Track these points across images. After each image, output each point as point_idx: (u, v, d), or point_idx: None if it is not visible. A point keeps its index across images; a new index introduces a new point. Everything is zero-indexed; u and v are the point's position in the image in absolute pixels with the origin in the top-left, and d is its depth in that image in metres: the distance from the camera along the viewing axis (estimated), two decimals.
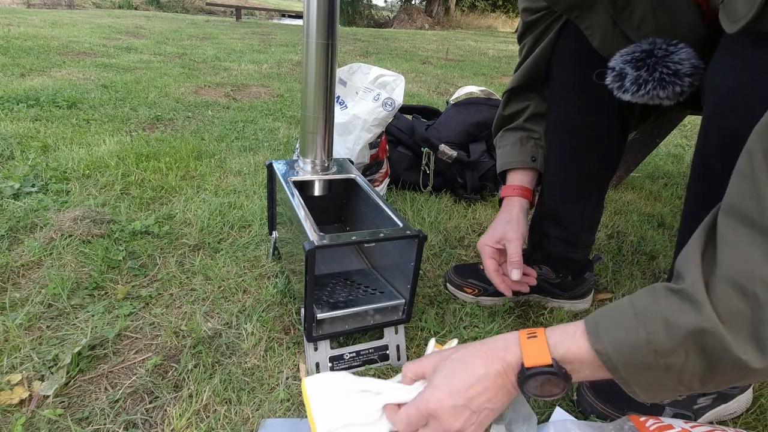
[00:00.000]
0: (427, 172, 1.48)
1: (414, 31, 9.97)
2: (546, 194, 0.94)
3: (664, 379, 0.45)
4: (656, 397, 0.47)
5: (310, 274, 0.69)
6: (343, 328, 0.78)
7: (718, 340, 0.41)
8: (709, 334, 0.41)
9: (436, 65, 4.64)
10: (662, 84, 0.66)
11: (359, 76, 1.26)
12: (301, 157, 0.95)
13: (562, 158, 0.89)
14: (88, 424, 0.65)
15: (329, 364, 0.77)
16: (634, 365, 0.45)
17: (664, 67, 0.66)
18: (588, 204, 0.92)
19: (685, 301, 0.43)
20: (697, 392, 0.46)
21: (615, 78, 0.70)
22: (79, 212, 1.12)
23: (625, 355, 0.45)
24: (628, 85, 0.68)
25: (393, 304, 0.81)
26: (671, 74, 0.65)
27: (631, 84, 0.68)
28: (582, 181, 0.90)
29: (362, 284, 0.88)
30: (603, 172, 0.91)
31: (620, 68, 0.69)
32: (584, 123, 0.85)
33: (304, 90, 0.87)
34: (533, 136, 0.93)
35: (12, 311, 0.84)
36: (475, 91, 1.78)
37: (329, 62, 0.84)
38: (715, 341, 0.41)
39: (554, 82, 0.87)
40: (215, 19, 8.84)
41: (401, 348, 0.81)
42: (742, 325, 0.40)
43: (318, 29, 0.81)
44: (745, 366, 0.40)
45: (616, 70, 0.70)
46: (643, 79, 0.67)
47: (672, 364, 0.44)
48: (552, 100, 0.89)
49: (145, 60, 3.45)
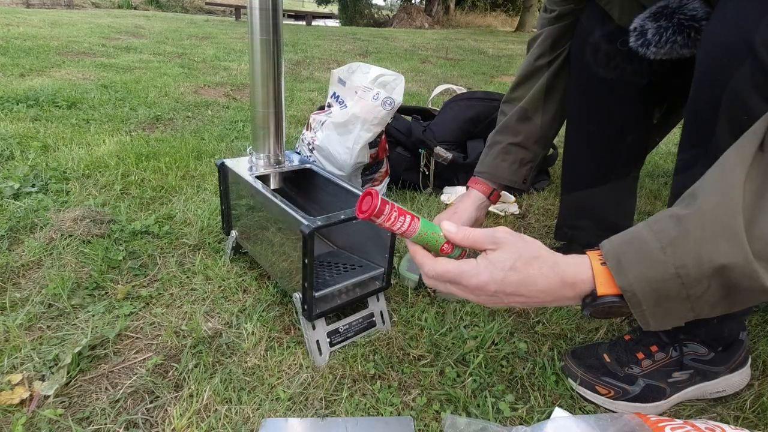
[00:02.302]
0: (426, 173, 1.48)
1: (414, 30, 9.96)
2: (572, 185, 0.98)
3: (680, 308, 0.45)
4: (664, 324, 0.47)
5: (309, 255, 0.72)
6: (336, 303, 0.82)
7: (749, 274, 0.41)
8: (739, 268, 0.41)
9: (436, 64, 4.64)
10: (681, 29, 0.69)
11: (359, 75, 1.25)
12: (255, 153, 0.97)
13: (594, 152, 0.93)
14: (88, 423, 0.65)
15: (328, 339, 0.80)
16: (657, 299, 0.45)
17: (681, 14, 0.69)
18: (620, 191, 0.96)
19: (718, 236, 0.42)
20: (704, 317, 0.46)
21: (637, 36, 0.73)
22: (79, 212, 1.12)
23: (651, 290, 0.45)
24: (650, 37, 0.71)
25: (375, 274, 0.87)
26: (688, 18, 0.68)
27: (653, 35, 0.71)
28: (614, 171, 0.94)
29: (339, 263, 0.93)
30: (632, 158, 0.94)
31: (640, 25, 0.72)
32: (609, 111, 0.88)
33: (252, 86, 0.90)
34: (529, 159, 0.98)
35: (12, 311, 0.84)
36: (453, 88, 1.78)
37: (274, 58, 0.87)
38: (744, 275, 0.41)
39: (575, 79, 0.90)
40: (215, 19, 8.83)
41: (384, 313, 0.89)
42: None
43: (261, 25, 0.83)
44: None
45: (637, 29, 0.73)
46: (663, 27, 0.70)
47: (693, 294, 0.44)
48: (573, 91, 0.92)
49: (145, 60, 3.45)
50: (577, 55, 0.90)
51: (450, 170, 1.47)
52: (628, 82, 0.84)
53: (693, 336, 0.75)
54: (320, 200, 1.01)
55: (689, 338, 0.75)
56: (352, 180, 1.27)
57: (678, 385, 0.75)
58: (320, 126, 1.25)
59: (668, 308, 0.45)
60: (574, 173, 1.01)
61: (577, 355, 0.79)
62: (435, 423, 0.69)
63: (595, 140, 0.93)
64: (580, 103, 0.93)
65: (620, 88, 0.86)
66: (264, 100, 0.90)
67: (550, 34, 0.92)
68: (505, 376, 0.79)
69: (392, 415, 0.69)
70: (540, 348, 0.85)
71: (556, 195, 1.53)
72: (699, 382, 0.75)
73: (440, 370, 0.79)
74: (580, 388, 0.76)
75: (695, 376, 0.75)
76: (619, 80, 0.84)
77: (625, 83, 0.84)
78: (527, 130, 0.97)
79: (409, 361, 0.81)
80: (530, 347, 0.85)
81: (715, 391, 0.76)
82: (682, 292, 0.44)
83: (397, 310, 0.93)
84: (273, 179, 0.98)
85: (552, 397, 0.75)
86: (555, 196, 1.53)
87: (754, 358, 0.85)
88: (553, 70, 0.94)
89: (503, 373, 0.79)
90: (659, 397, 0.74)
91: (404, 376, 0.77)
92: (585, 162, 0.96)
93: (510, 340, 0.86)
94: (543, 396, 0.75)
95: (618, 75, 0.84)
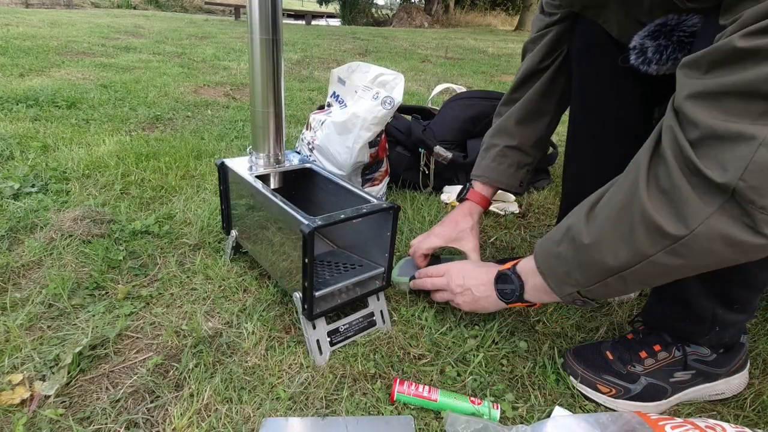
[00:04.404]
0: (426, 172, 1.48)
1: (413, 29, 9.96)
2: (573, 184, 1.00)
3: (559, 265, 0.65)
4: (561, 288, 0.66)
5: (309, 255, 0.72)
6: (336, 303, 0.82)
7: (577, 233, 0.62)
8: (575, 225, 0.63)
9: (436, 64, 4.64)
10: (681, 45, 0.69)
11: (358, 74, 1.25)
12: (255, 152, 0.97)
13: (595, 153, 0.93)
14: (89, 423, 0.65)
15: (328, 339, 0.80)
16: (545, 254, 0.68)
17: (681, 32, 0.68)
18: None
19: (576, 211, 0.65)
20: (579, 288, 0.65)
21: (638, 54, 0.73)
22: (79, 212, 1.12)
23: (542, 248, 0.69)
24: (650, 55, 0.71)
25: (375, 273, 0.88)
26: (688, 36, 0.68)
27: (653, 53, 0.71)
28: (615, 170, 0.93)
29: (338, 263, 0.93)
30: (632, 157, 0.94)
31: (640, 44, 0.72)
32: (609, 110, 0.88)
33: (252, 86, 0.90)
34: (527, 162, 0.99)
35: (13, 311, 0.84)
36: (452, 87, 1.78)
37: (274, 57, 0.86)
38: (578, 230, 0.62)
39: (576, 80, 0.91)
40: (214, 18, 8.83)
41: (384, 313, 0.88)
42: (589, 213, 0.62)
43: (261, 25, 0.83)
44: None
45: (637, 48, 0.73)
46: (663, 46, 0.70)
47: (560, 252, 0.65)
48: (574, 91, 0.92)
49: (144, 59, 3.45)
50: (576, 55, 0.90)
51: (450, 169, 1.47)
52: (627, 82, 0.84)
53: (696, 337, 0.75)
54: (320, 200, 1.01)
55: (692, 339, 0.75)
56: (352, 179, 1.27)
57: (679, 385, 0.75)
58: (320, 125, 1.25)
59: (553, 264, 0.66)
60: (575, 172, 1.01)
61: (579, 353, 0.80)
62: (435, 422, 0.69)
63: (596, 140, 0.93)
64: (580, 103, 0.93)
65: (620, 88, 0.86)
66: (264, 99, 0.90)
67: (550, 38, 0.91)
68: (506, 375, 0.79)
69: (392, 414, 0.70)
70: (540, 347, 0.85)
71: (556, 194, 1.54)
72: (700, 383, 0.75)
73: (440, 369, 0.79)
74: (580, 386, 0.76)
75: (697, 377, 0.75)
76: (619, 81, 0.84)
77: (625, 84, 0.84)
78: (525, 133, 0.97)
79: (410, 360, 0.81)
80: (530, 346, 0.85)
81: (714, 393, 0.76)
82: (553, 248, 0.66)
83: (397, 310, 0.93)
84: (273, 179, 0.98)
85: (552, 396, 0.75)
86: (555, 196, 1.53)
87: (755, 357, 0.85)
88: (550, 73, 0.94)
89: (503, 372, 0.79)
90: (660, 397, 0.74)
91: (405, 376, 0.77)
92: (585, 161, 0.96)
93: (510, 339, 0.86)
94: (543, 395, 0.75)
95: (618, 75, 0.84)
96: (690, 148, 0.49)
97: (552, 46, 0.92)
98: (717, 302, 0.69)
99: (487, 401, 0.71)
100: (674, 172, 0.51)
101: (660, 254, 0.53)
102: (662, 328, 0.77)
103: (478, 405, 0.70)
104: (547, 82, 0.94)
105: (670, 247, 0.52)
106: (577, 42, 0.89)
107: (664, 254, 0.53)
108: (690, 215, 0.49)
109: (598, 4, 0.78)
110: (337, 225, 0.76)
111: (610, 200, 0.59)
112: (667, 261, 0.53)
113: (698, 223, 0.49)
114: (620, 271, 0.58)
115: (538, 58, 0.94)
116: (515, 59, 5.23)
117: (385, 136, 1.31)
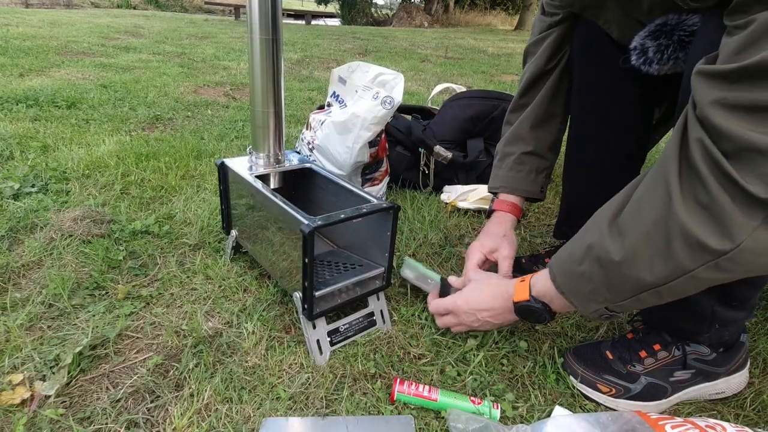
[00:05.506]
0: (426, 172, 1.48)
1: (413, 29, 9.95)
2: (573, 184, 1.00)
3: (583, 284, 0.63)
4: (587, 306, 0.64)
5: (309, 254, 0.72)
6: (336, 303, 0.82)
7: (604, 251, 0.59)
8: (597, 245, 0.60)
9: (436, 63, 4.64)
10: (681, 45, 0.69)
11: (358, 74, 1.25)
12: (255, 152, 0.97)
13: (596, 153, 0.94)
14: (89, 423, 0.65)
15: (328, 338, 0.80)
16: (565, 275, 0.66)
17: (681, 31, 0.68)
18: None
19: (593, 227, 0.62)
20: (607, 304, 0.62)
21: (639, 55, 0.73)
22: (79, 212, 1.12)
23: (561, 270, 0.67)
24: (651, 55, 0.71)
25: (375, 273, 0.88)
26: (688, 35, 0.68)
27: (654, 53, 0.71)
28: (616, 170, 0.94)
29: (339, 263, 0.93)
30: (634, 161, 0.95)
31: (641, 44, 0.72)
32: (609, 111, 0.88)
33: (252, 85, 0.90)
34: (545, 166, 0.99)
35: (13, 311, 0.84)
36: (452, 87, 1.78)
37: (274, 57, 0.87)
38: (602, 248, 0.59)
39: (576, 81, 0.91)
40: (214, 18, 8.83)
41: (384, 312, 0.88)
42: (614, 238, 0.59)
43: (261, 25, 0.83)
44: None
45: (638, 48, 0.73)
46: (664, 45, 0.70)
47: (583, 271, 0.62)
48: (574, 92, 0.93)
49: (144, 59, 3.44)
50: (577, 56, 0.90)
51: (450, 169, 1.47)
52: (627, 83, 0.84)
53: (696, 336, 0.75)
54: (320, 200, 1.01)
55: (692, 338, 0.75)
56: (352, 179, 1.27)
57: (679, 385, 0.75)
58: (320, 125, 1.25)
59: (576, 284, 0.64)
60: (575, 172, 1.01)
61: (579, 353, 0.80)
62: (435, 422, 0.69)
63: (596, 140, 0.93)
64: (580, 104, 0.93)
65: (620, 89, 0.86)
66: (263, 99, 0.90)
67: (552, 39, 0.91)
68: (506, 375, 0.79)
69: (393, 414, 0.70)
70: (540, 347, 0.85)
71: (556, 194, 1.53)
72: (700, 382, 0.75)
73: (441, 368, 0.79)
74: (580, 385, 0.76)
75: (697, 376, 0.75)
76: (619, 81, 0.84)
77: (625, 84, 0.85)
78: (539, 137, 0.97)
79: (410, 360, 0.81)
80: (531, 346, 0.85)
81: (714, 392, 0.76)
82: (576, 268, 0.63)
83: (397, 309, 0.93)
84: (273, 179, 0.98)
85: (552, 396, 0.76)
86: (555, 195, 1.53)
87: (755, 356, 0.85)
88: (556, 75, 0.94)
89: (504, 372, 0.79)
90: (660, 396, 0.74)
91: (405, 375, 0.77)
92: (585, 161, 0.96)
93: (510, 339, 0.86)
94: (543, 394, 0.75)
95: (618, 76, 0.84)
96: (725, 161, 0.48)
97: (555, 47, 0.92)
98: (716, 299, 0.69)
99: (488, 401, 0.71)
100: (712, 186, 0.49)
101: (701, 269, 0.52)
102: (662, 327, 0.77)
103: (479, 404, 0.70)
104: (555, 83, 0.94)
105: (713, 262, 0.51)
106: (577, 43, 0.89)
107: (706, 269, 0.51)
108: (735, 230, 0.48)
109: (598, 5, 0.78)
110: (337, 225, 0.76)
111: (639, 215, 0.56)
112: (708, 275, 0.52)
113: (744, 237, 0.48)
114: (656, 286, 0.56)
115: (542, 61, 0.93)
116: (515, 59, 5.23)
117: (385, 135, 1.31)
